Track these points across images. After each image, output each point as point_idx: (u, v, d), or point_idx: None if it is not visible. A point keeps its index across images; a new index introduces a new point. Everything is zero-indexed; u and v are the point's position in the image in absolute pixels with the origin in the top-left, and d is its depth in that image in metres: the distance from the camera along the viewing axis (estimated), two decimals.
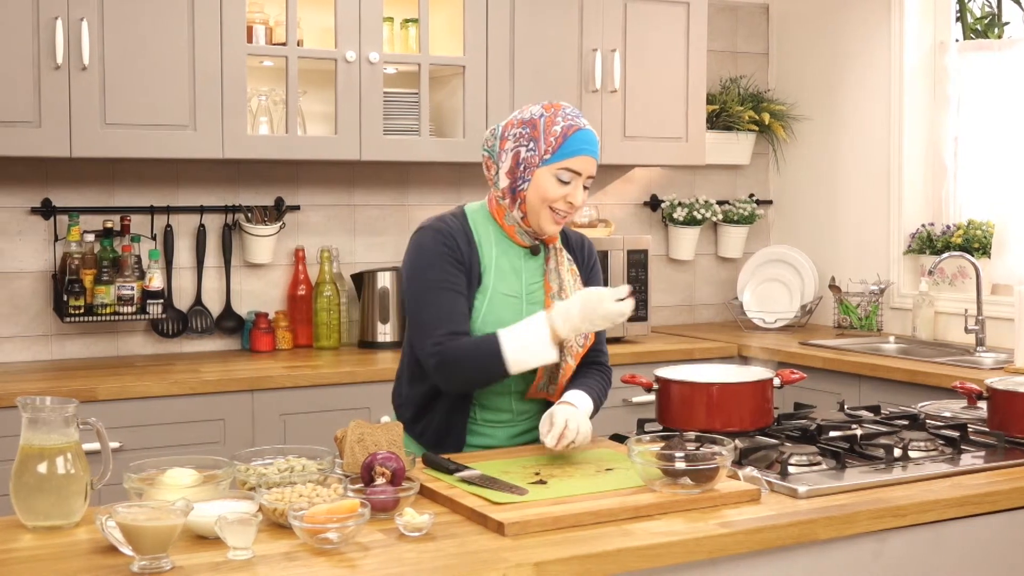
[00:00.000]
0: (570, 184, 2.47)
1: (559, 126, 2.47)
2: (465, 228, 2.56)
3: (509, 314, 2.52)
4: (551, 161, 2.46)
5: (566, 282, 2.57)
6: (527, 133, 2.50)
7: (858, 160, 4.91)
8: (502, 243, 2.58)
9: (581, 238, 2.74)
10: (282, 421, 3.66)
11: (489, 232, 2.58)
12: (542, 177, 2.47)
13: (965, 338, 4.33)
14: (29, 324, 3.95)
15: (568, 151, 2.46)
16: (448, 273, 2.48)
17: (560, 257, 2.59)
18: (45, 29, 3.54)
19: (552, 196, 2.47)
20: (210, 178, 4.19)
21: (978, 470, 2.38)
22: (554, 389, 2.56)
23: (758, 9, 5.28)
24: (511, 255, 2.58)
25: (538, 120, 2.49)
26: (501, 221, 2.58)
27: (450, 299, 2.48)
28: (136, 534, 1.77)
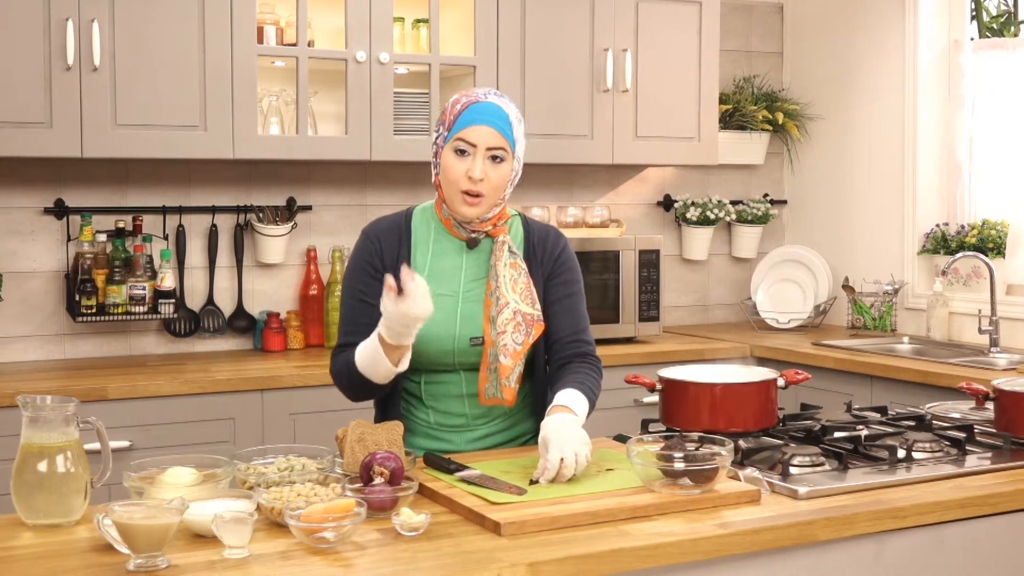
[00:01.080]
0: (468, 156, 2.39)
1: (460, 104, 2.41)
2: (402, 229, 2.52)
3: (440, 314, 2.43)
4: (448, 138, 2.41)
5: (503, 277, 2.46)
6: (438, 121, 2.47)
7: (872, 160, 4.89)
8: (442, 241, 2.51)
9: (546, 231, 2.60)
10: (292, 420, 3.68)
11: (429, 231, 2.53)
12: (445, 158, 2.41)
13: (979, 339, 4.30)
14: (42, 324, 3.98)
15: (461, 124, 2.39)
16: (362, 283, 2.48)
17: (500, 251, 2.48)
18: (56, 30, 3.56)
19: (454, 175, 2.39)
20: (222, 178, 4.21)
21: (982, 471, 2.36)
22: (507, 394, 2.47)
23: (772, 8, 5.26)
24: (451, 253, 2.51)
25: (447, 106, 2.45)
26: (440, 215, 2.51)
27: (360, 310, 2.47)
28: (131, 532, 1.78)
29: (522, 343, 2.46)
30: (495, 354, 2.45)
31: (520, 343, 2.45)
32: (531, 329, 2.47)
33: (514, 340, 2.45)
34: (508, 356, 2.44)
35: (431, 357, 2.48)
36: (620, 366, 4.06)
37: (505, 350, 2.44)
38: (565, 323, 2.55)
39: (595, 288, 4.38)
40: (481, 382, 2.48)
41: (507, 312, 2.44)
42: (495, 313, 2.45)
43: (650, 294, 4.45)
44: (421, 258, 2.50)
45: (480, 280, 2.50)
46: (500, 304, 2.44)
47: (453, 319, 2.47)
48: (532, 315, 2.47)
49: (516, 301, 2.45)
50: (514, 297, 2.46)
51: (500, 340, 2.44)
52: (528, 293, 2.48)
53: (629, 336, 4.42)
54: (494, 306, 2.45)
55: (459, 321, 2.48)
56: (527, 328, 2.46)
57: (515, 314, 2.45)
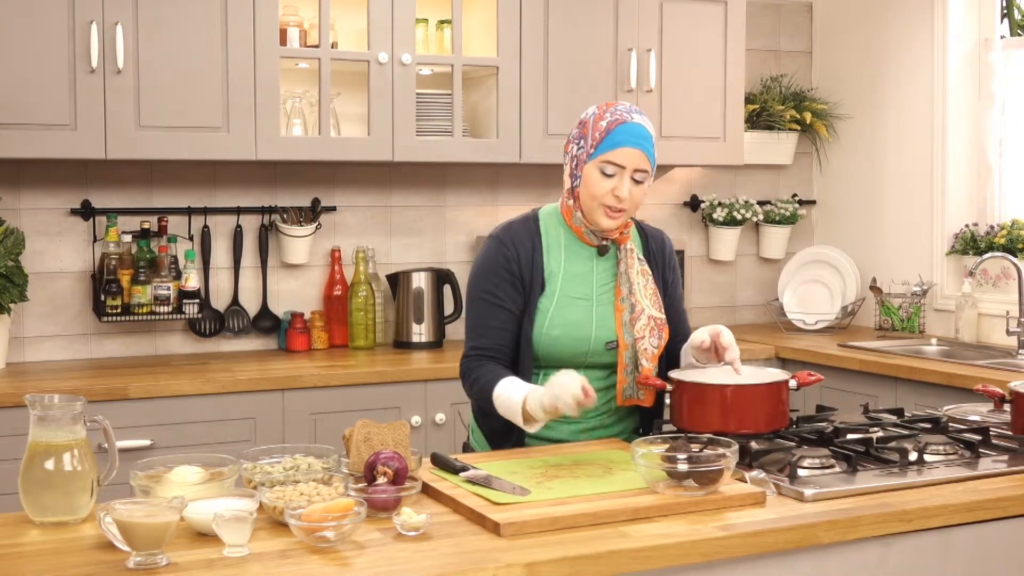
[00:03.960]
0: (614, 177, 2.49)
1: (605, 121, 2.50)
2: (533, 234, 2.61)
3: (579, 315, 2.57)
4: (595, 155, 2.50)
5: (636, 284, 2.58)
6: (578, 132, 2.56)
7: (901, 159, 4.84)
8: (572, 246, 2.62)
9: (661, 236, 2.75)
10: (312, 420, 3.70)
11: (559, 235, 2.62)
12: (589, 172, 2.51)
13: (1008, 340, 4.25)
14: (69, 323, 4.02)
15: (609, 144, 2.48)
16: (497, 287, 2.57)
17: (631, 259, 2.60)
18: (80, 33, 3.60)
19: (598, 191, 2.50)
20: (247, 179, 4.24)
21: (994, 475, 2.33)
22: (644, 395, 2.61)
23: (801, 7, 5.23)
24: (582, 257, 2.62)
25: (588, 119, 2.55)
26: (570, 223, 2.61)
27: (492, 314, 2.57)
28: (131, 530, 1.80)
29: (658, 346, 2.59)
30: (633, 357, 2.57)
31: (656, 346, 2.59)
32: (662, 332, 2.60)
33: (651, 344, 2.58)
34: (648, 360, 2.58)
35: (564, 357, 2.57)
36: None
37: (645, 354, 2.57)
38: (680, 327, 2.72)
39: None
40: (619, 383, 2.59)
41: (643, 318, 2.57)
42: (628, 319, 2.57)
43: None
44: (555, 262, 2.60)
45: (609, 285, 2.61)
46: (636, 311, 2.57)
47: (589, 322, 2.58)
48: (662, 319, 2.61)
49: (649, 307, 2.58)
50: (647, 303, 2.58)
51: (640, 345, 2.56)
52: (656, 299, 2.62)
53: None
54: (627, 311, 2.57)
55: (595, 324, 2.58)
56: (659, 332, 2.60)
57: (650, 319, 2.58)
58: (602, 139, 2.48)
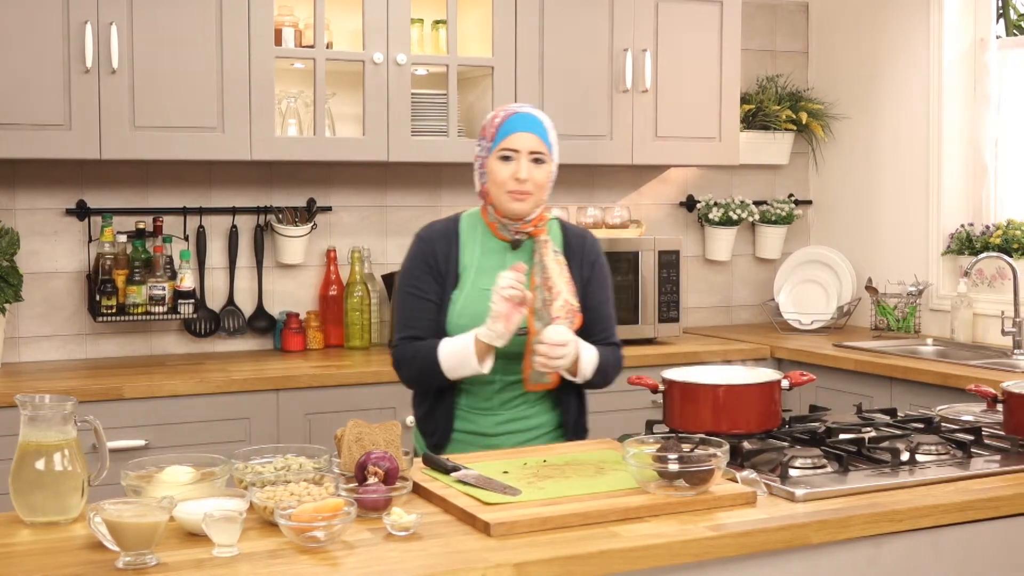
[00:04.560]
0: (513, 162, 2.66)
1: (499, 118, 2.70)
2: (452, 232, 2.78)
3: (486, 306, 2.63)
4: (492, 148, 2.68)
5: (551, 270, 2.69)
6: (479, 136, 2.75)
7: (897, 159, 4.84)
8: (489, 242, 2.76)
9: (583, 235, 2.87)
10: (307, 420, 3.70)
11: (476, 233, 2.78)
12: (491, 165, 2.68)
13: (1003, 340, 4.25)
14: (64, 323, 4.03)
15: (503, 133, 2.67)
16: (419, 280, 2.73)
17: (545, 249, 2.72)
18: (75, 33, 3.60)
19: (500, 178, 2.66)
20: (243, 180, 4.24)
21: (986, 475, 2.33)
22: (549, 379, 2.70)
23: (797, 7, 5.23)
24: (498, 252, 2.76)
25: (485, 123, 2.75)
26: (486, 220, 2.77)
27: (417, 305, 2.73)
28: (120, 530, 1.80)
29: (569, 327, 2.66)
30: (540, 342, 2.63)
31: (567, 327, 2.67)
32: (574, 319, 2.69)
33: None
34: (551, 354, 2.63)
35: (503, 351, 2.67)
36: (639, 367, 4.05)
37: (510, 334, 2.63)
38: (597, 325, 2.79)
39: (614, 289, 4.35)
40: (525, 369, 2.69)
41: (560, 300, 2.67)
42: (542, 305, 2.66)
43: (670, 295, 4.44)
44: (469, 258, 2.75)
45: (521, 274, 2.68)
46: (553, 294, 2.67)
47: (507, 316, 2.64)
48: (576, 307, 2.70)
49: (565, 292, 2.68)
50: (564, 287, 2.68)
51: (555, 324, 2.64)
52: (571, 287, 2.72)
53: (649, 337, 4.41)
54: (540, 299, 2.66)
55: None
56: (571, 317, 2.68)
57: (566, 303, 2.67)
58: (497, 132, 2.68)
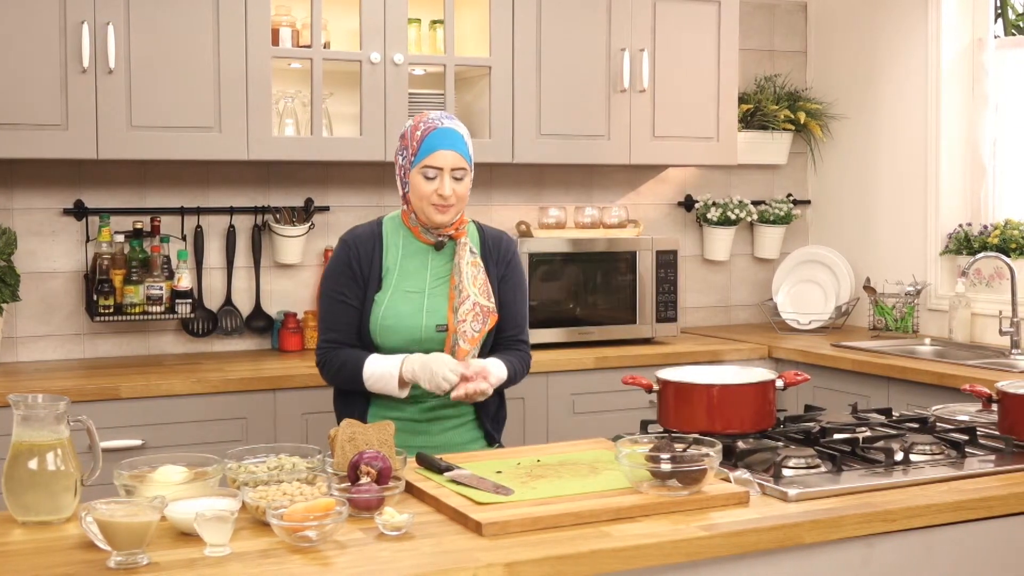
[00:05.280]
0: (435, 180, 2.75)
1: (420, 130, 2.77)
2: (375, 236, 2.85)
3: (409, 308, 2.79)
4: (416, 162, 2.76)
5: (465, 275, 2.81)
6: (400, 144, 2.82)
7: (895, 159, 4.84)
8: (410, 245, 2.85)
9: (499, 236, 2.97)
10: (304, 420, 3.70)
11: (398, 236, 2.86)
12: (414, 179, 2.77)
13: (1001, 340, 4.25)
14: (62, 323, 4.03)
15: (426, 150, 2.74)
16: (342, 286, 2.81)
17: (463, 251, 2.83)
18: (72, 33, 3.60)
19: (424, 193, 2.76)
20: (240, 179, 4.24)
21: (979, 475, 2.33)
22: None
23: (796, 7, 5.23)
24: (419, 255, 2.85)
25: (407, 130, 2.81)
26: (408, 224, 2.85)
27: (339, 310, 2.81)
28: (112, 530, 1.80)
29: (479, 330, 2.81)
30: (456, 339, 2.79)
31: (477, 330, 2.81)
32: (487, 319, 2.82)
33: (472, 328, 2.80)
34: (467, 341, 2.79)
35: (399, 343, 2.80)
36: (637, 367, 4.05)
37: (464, 336, 2.79)
38: (510, 323, 2.92)
39: (612, 289, 4.37)
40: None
41: (467, 304, 2.79)
42: (458, 304, 2.79)
43: (668, 295, 4.44)
44: (392, 260, 2.83)
45: (444, 278, 2.84)
46: (462, 296, 2.79)
47: (419, 312, 2.81)
48: (488, 307, 2.83)
49: (475, 294, 2.80)
50: (474, 291, 2.80)
51: (460, 328, 2.79)
52: (485, 288, 2.84)
53: (647, 337, 4.41)
54: (457, 298, 2.79)
55: (425, 313, 2.81)
56: (484, 318, 2.82)
57: (474, 305, 2.80)
58: (419, 147, 2.75)
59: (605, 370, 4.09)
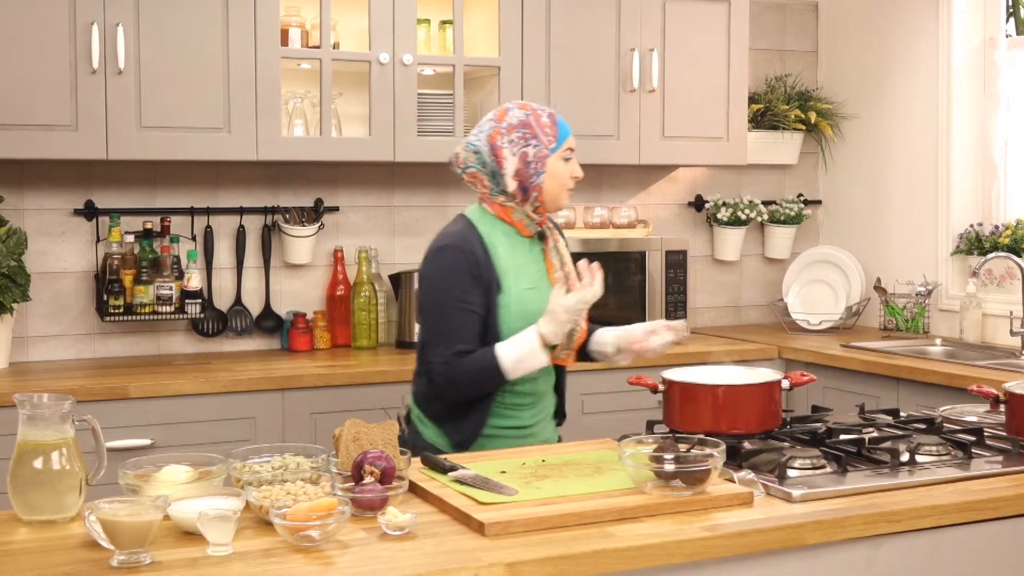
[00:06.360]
0: (571, 161, 2.79)
1: (545, 117, 2.76)
2: (478, 238, 2.74)
3: (534, 306, 2.71)
4: (556, 148, 2.75)
5: (565, 256, 2.83)
6: (525, 134, 2.74)
7: (906, 159, 4.82)
8: (511, 239, 2.78)
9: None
10: (312, 420, 3.70)
11: (498, 234, 2.77)
12: (554, 164, 2.75)
13: (1012, 340, 4.23)
14: (73, 323, 4.04)
15: (563, 135, 2.77)
16: (466, 294, 2.68)
17: (555, 235, 2.86)
18: (81, 34, 3.62)
19: (566, 176, 2.78)
20: (250, 180, 4.25)
21: (986, 475, 2.32)
22: (567, 354, 2.79)
23: (807, 7, 5.21)
24: (521, 249, 2.79)
25: (528, 120, 2.75)
26: (509, 219, 2.77)
27: (467, 320, 2.68)
28: (115, 529, 1.81)
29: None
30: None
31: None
32: None
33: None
34: (584, 320, 2.79)
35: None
36: (643, 367, 4.02)
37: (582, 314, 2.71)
38: None
39: (621, 289, 4.36)
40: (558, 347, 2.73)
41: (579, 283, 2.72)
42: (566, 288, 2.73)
43: (677, 295, 4.43)
44: (504, 261, 2.74)
45: (541, 266, 2.81)
46: (571, 279, 2.77)
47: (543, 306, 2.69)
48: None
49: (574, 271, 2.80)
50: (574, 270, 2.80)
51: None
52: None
53: None
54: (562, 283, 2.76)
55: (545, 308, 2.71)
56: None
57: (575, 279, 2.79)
58: (557, 134, 2.76)
59: (614, 370, 4.07)
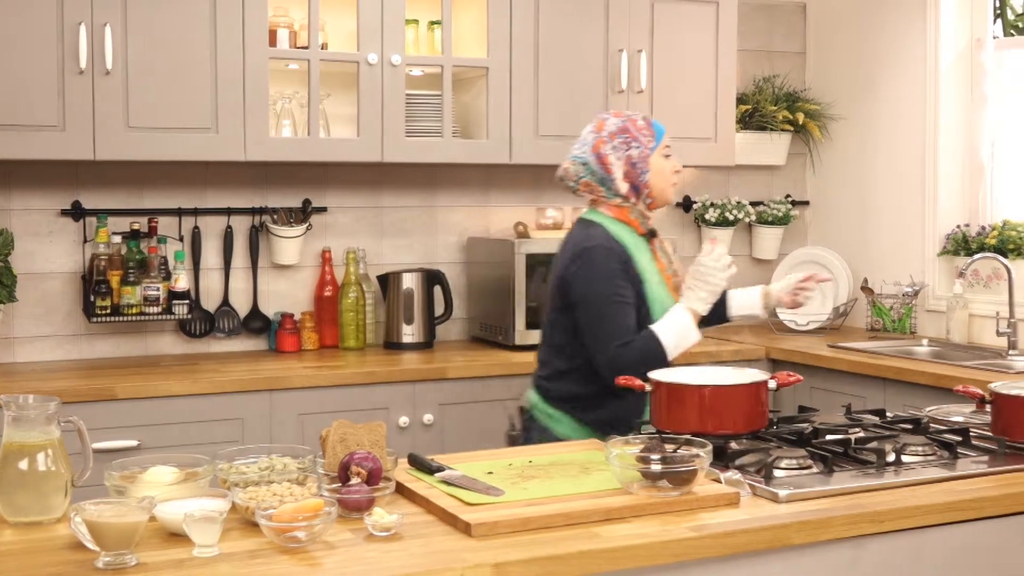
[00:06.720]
0: (671, 158, 3.02)
1: (641, 121, 3.00)
2: (616, 239, 2.91)
3: (669, 299, 2.93)
4: (655, 147, 2.97)
5: (671, 255, 3.04)
6: (626, 139, 2.96)
7: (894, 160, 4.84)
8: (632, 237, 2.95)
9: None
10: (300, 421, 3.70)
11: (624, 235, 2.94)
12: (657, 162, 2.97)
13: (999, 341, 4.24)
14: (60, 324, 4.03)
15: (659, 134, 3.00)
16: (622, 288, 2.85)
17: (660, 235, 3.03)
18: (69, 35, 3.61)
19: (668, 172, 2.99)
20: (238, 180, 4.25)
21: (971, 475, 2.33)
22: None
23: (795, 8, 5.23)
24: (642, 248, 2.97)
25: (625, 126, 2.98)
26: (626, 218, 2.96)
27: (624, 311, 2.85)
28: (100, 530, 1.80)
29: None
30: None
31: None
32: None
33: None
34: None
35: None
36: None
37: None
38: None
39: None
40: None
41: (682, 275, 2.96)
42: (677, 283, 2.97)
43: None
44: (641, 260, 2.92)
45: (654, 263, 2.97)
46: (680, 275, 2.98)
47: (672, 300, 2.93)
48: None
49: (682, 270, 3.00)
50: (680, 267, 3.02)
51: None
52: None
53: None
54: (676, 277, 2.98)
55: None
56: None
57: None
58: (654, 134, 2.98)
59: None
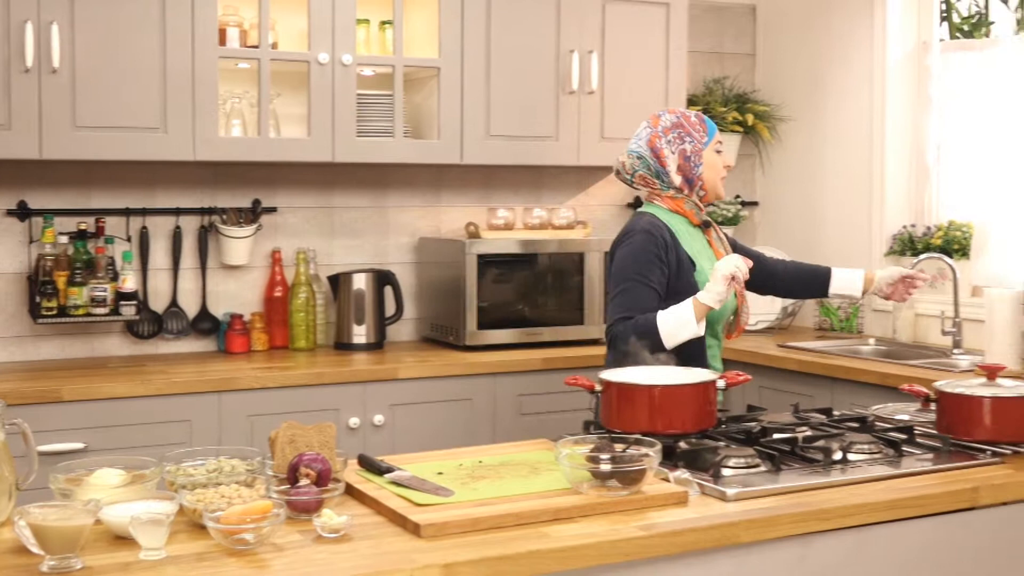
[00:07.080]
0: (723, 152, 3.11)
1: (694, 117, 3.12)
2: (665, 226, 3.02)
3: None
4: (708, 143, 3.08)
5: (727, 245, 3.12)
6: (680, 134, 3.09)
7: (841, 161, 4.89)
8: (687, 228, 3.06)
9: None
10: (249, 422, 3.68)
11: (678, 225, 3.06)
12: (709, 157, 3.08)
13: (944, 340, 4.30)
14: (5, 325, 3.98)
15: (712, 130, 3.12)
16: (648, 271, 2.95)
17: (715, 225, 3.12)
18: (15, 32, 3.57)
19: (719, 166, 3.10)
20: (187, 180, 4.21)
21: (915, 473, 2.36)
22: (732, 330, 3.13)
23: (745, 10, 5.27)
24: (697, 237, 3.08)
25: (680, 121, 3.11)
26: (681, 210, 3.07)
27: (639, 292, 2.95)
28: (44, 534, 1.79)
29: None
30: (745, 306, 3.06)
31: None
32: None
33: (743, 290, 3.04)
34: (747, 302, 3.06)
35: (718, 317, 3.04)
36: (584, 368, 4.05)
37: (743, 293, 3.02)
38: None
39: (561, 290, 4.39)
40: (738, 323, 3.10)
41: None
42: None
43: None
44: (694, 248, 3.03)
45: (711, 252, 3.08)
46: None
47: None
48: None
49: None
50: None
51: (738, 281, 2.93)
52: None
53: (594, 338, 4.42)
54: None
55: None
56: None
57: None
58: (706, 129, 3.10)
59: (552, 371, 4.11)
